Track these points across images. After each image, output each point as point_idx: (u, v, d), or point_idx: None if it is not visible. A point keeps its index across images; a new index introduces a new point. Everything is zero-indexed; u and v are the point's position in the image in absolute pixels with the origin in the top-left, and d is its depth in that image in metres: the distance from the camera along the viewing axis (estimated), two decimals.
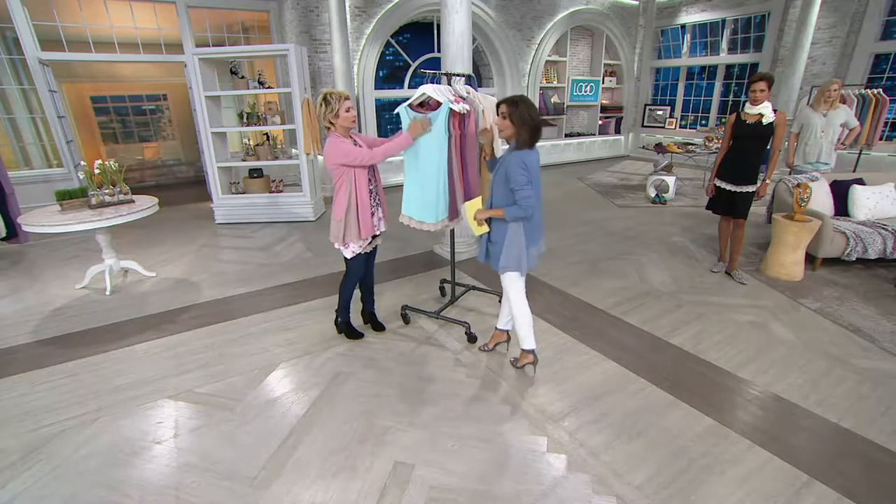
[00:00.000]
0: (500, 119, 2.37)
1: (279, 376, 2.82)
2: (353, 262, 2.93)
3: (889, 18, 7.24)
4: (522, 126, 2.31)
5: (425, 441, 2.26)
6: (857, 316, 3.44)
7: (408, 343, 3.15)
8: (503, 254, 2.50)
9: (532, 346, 2.71)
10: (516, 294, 2.65)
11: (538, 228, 2.58)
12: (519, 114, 2.30)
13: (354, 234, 2.76)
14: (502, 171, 2.40)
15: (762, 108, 3.69)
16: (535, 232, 2.54)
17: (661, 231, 5.58)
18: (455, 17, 3.88)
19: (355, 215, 2.72)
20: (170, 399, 2.61)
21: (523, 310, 2.66)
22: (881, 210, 4.37)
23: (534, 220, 2.51)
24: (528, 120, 2.31)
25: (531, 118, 2.31)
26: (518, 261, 2.51)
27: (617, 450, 2.19)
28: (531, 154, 2.37)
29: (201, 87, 5.61)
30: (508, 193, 2.39)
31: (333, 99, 2.58)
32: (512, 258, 2.50)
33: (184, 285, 4.21)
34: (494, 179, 2.47)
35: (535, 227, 2.54)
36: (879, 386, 2.64)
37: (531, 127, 2.32)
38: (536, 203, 2.42)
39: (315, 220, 6.27)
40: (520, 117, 2.30)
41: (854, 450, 2.19)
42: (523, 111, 2.30)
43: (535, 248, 2.57)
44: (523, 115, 2.30)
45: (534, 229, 2.53)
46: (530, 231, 2.50)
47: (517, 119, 2.30)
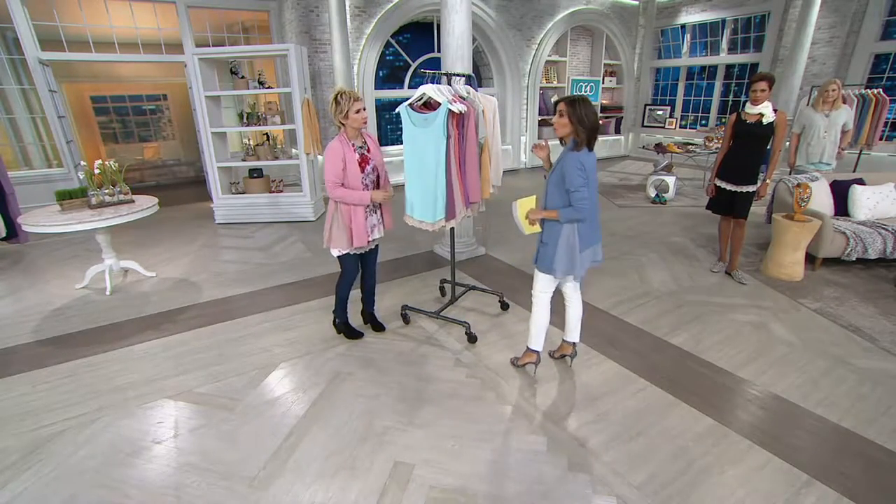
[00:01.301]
0: (557, 117, 2.34)
1: (279, 376, 2.82)
2: (345, 261, 2.91)
3: (889, 18, 7.24)
4: (580, 126, 2.27)
5: (425, 441, 2.26)
6: (858, 316, 3.44)
7: (408, 343, 3.15)
8: (556, 256, 2.43)
9: (538, 347, 2.71)
10: (542, 295, 2.62)
11: (595, 231, 2.50)
12: (577, 114, 2.26)
13: (343, 242, 2.74)
14: (558, 171, 2.35)
15: (762, 108, 3.68)
16: (591, 234, 2.46)
17: (661, 231, 5.58)
18: (455, 17, 3.88)
19: (341, 221, 2.71)
20: (169, 399, 2.61)
21: (542, 312, 2.65)
22: (881, 210, 4.37)
23: (589, 223, 2.43)
24: (585, 120, 2.27)
25: (588, 118, 2.27)
26: (570, 264, 2.44)
27: (617, 450, 2.19)
28: (589, 155, 2.33)
29: (201, 87, 5.61)
30: (563, 194, 2.35)
31: (344, 99, 2.55)
32: (564, 261, 2.43)
33: (184, 285, 4.21)
34: (550, 179, 2.42)
35: (592, 229, 2.46)
36: (879, 386, 2.64)
37: (589, 127, 2.28)
38: (592, 205, 2.36)
39: (315, 219, 6.27)
40: (578, 117, 2.26)
41: (854, 449, 2.19)
42: (581, 111, 2.26)
43: (590, 250, 2.49)
44: (580, 115, 2.26)
45: (589, 232, 2.45)
46: (585, 233, 2.43)
47: (575, 118, 2.26)
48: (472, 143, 2.74)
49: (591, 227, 2.44)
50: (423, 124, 2.63)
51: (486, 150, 2.94)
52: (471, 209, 2.89)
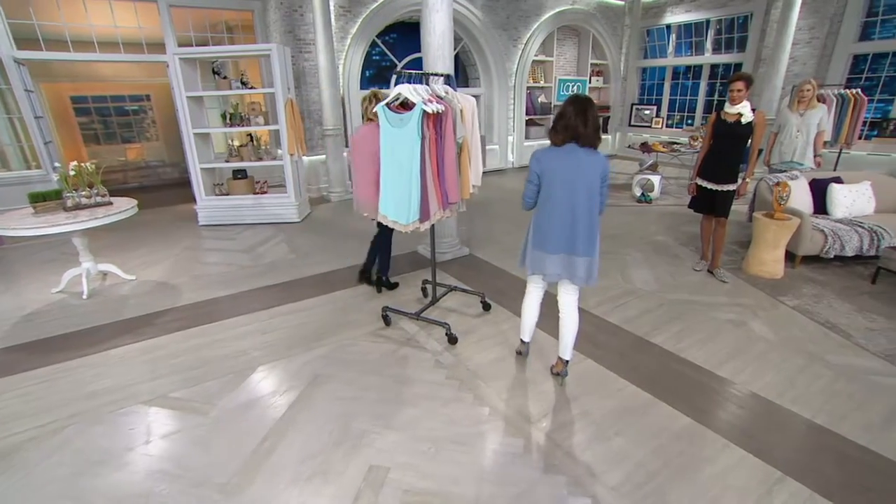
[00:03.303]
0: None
1: (257, 379, 2.79)
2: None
3: (867, 20, 7.35)
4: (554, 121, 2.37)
5: (401, 444, 2.24)
6: (834, 313, 3.48)
7: (388, 344, 3.13)
8: (522, 248, 2.64)
9: (522, 337, 2.90)
10: (528, 289, 2.76)
11: (549, 236, 2.40)
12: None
13: (355, 203, 3.35)
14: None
15: (741, 108, 3.72)
16: (542, 239, 2.43)
17: (645, 230, 5.61)
18: (436, 17, 3.86)
19: (354, 188, 3.36)
20: (143, 405, 2.56)
21: (526, 305, 2.78)
22: (858, 208, 4.43)
23: (542, 227, 2.42)
24: (558, 118, 2.32)
25: (561, 115, 2.31)
26: (523, 257, 2.60)
27: (594, 450, 2.18)
28: (552, 151, 2.36)
29: (183, 87, 5.54)
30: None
31: (381, 98, 2.87)
32: (522, 253, 2.63)
33: (164, 288, 4.15)
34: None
35: (545, 232, 2.41)
36: (853, 382, 2.67)
37: (561, 126, 2.31)
38: (553, 211, 2.36)
39: (300, 221, 6.22)
40: (557, 114, 2.35)
41: (827, 446, 2.20)
42: (561, 109, 2.33)
43: (556, 257, 2.41)
44: (559, 112, 2.34)
45: (541, 235, 2.44)
46: (540, 233, 2.44)
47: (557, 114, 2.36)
48: (450, 144, 2.73)
49: (552, 231, 2.39)
50: (399, 124, 2.61)
51: (464, 151, 2.93)
52: (449, 210, 2.88)
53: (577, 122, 2.25)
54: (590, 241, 2.38)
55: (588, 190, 2.31)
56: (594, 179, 2.31)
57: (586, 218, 2.34)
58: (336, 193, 7.28)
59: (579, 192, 2.31)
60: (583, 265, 2.40)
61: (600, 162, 2.32)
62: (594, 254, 2.41)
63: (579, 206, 2.32)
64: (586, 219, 2.34)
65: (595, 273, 2.45)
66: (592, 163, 2.30)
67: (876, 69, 7.36)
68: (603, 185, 2.36)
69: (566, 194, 2.32)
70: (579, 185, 2.30)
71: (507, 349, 3.04)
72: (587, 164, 2.29)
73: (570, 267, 2.42)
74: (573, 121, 2.26)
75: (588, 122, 2.25)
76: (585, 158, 2.30)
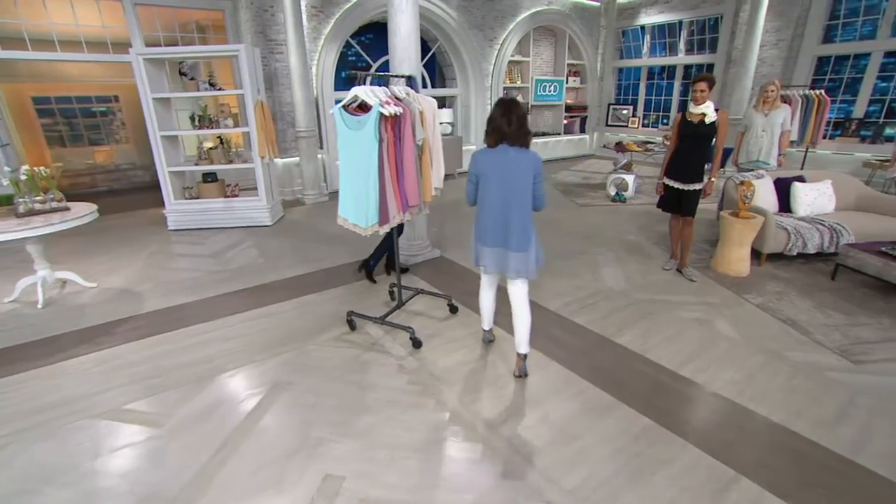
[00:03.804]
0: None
1: (216, 388, 2.72)
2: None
3: (829, 23, 7.54)
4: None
5: (358, 452, 2.20)
6: (795, 309, 3.54)
7: (352, 350, 3.08)
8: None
9: (482, 325, 3.05)
10: (481, 284, 2.90)
11: (486, 231, 2.54)
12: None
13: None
14: None
15: (704, 108, 3.77)
16: (481, 233, 2.58)
17: (618, 229, 5.66)
18: (401, 18, 3.83)
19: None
20: (94, 418, 2.48)
21: (481, 295, 2.93)
22: (819, 206, 4.53)
23: (480, 222, 2.57)
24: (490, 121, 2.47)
25: (491, 118, 2.46)
26: (471, 250, 2.74)
27: (553, 454, 2.17)
28: (488, 153, 2.48)
29: (148, 88, 5.41)
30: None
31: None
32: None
33: (126, 295, 4.03)
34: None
35: (483, 227, 2.56)
36: (810, 378, 2.72)
37: (492, 127, 2.45)
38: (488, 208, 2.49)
39: (272, 224, 6.12)
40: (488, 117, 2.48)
41: (782, 443, 2.23)
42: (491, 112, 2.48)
43: (494, 250, 2.57)
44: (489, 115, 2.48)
45: (480, 230, 2.58)
46: (480, 227, 2.59)
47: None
48: (409, 146, 2.70)
49: (488, 226, 2.52)
50: (357, 126, 2.58)
51: (425, 153, 2.90)
52: (409, 213, 2.85)
53: (501, 123, 2.38)
54: (523, 236, 2.48)
55: (520, 188, 2.43)
56: (526, 177, 2.42)
57: (519, 215, 2.46)
58: (310, 196, 7.19)
59: (511, 190, 2.43)
60: (515, 259, 2.52)
61: (532, 160, 2.43)
62: (528, 248, 2.50)
63: (512, 204, 2.44)
64: (519, 215, 2.46)
65: (532, 266, 2.55)
66: (524, 161, 2.41)
67: (839, 70, 7.56)
68: (536, 182, 2.46)
69: (499, 192, 2.45)
70: (511, 184, 2.43)
71: (473, 352, 3.03)
72: (518, 163, 2.41)
73: (504, 260, 2.55)
74: (499, 122, 2.39)
75: (512, 122, 2.37)
76: (517, 157, 2.42)
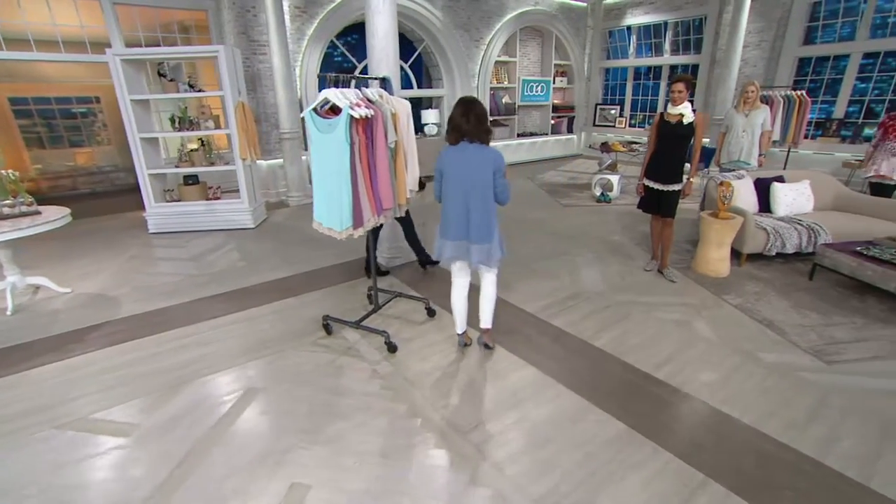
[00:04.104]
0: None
1: (187, 395, 2.67)
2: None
3: (810, 24, 7.61)
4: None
5: (327, 459, 2.17)
6: (773, 310, 3.56)
7: (327, 354, 3.05)
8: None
9: (457, 329, 3.04)
10: (452, 283, 2.95)
11: (449, 224, 2.68)
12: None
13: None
14: None
15: (682, 109, 3.78)
16: (444, 227, 2.71)
17: (601, 230, 5.67)
18: (378, 19, 3.79)
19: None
20: (59, 428, 2.42)
21: (453, 295, 2.95)
22: (798, 206, 4.56)
23: (444, 216, 2.70)
24: (448, 120, 2.60)
25: (450, 117, 2.58)
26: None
27: (522, 461, 2.16)
28: (451, 150, 2.61)
29: (125, 89, 5.33)
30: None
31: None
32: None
33: (101, 301, 3.97)
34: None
35: (446, 221, 2.69)
36: (783, 379, 2.73)
37: (451, 125, 2.58)
38: (452, 201, 2.61)
39: (255, 227, 6.06)
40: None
41: (751, 446, 2.23)
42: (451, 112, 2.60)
43: (454, 243, 2.69)
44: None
45: (444, 224, 2.71)
46: (441, 224, 2.73)
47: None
48: (382, 148, 2.67)
49: (450, 220, 2.66)
50: (327, 130, 2.55)
51: (399, 155, 2.88)
52: (384, 216, 2.82)
53: (461, 121, 2.51)
54: (484, 229, 2.61)
55: (481, 184, 2.54)
56: (486, 173, 2.52)
57: (479, 209, 2.58)
58: (294, 198, 7.13)
59: (472, 185, 2.55)
60: (476, 251, 2.65)
61: (491, 156, 2.53)
62: (490, 240, 2.64)
63: (472, 198, 2.56)
64: (479, 209, 2.58)
65: (494, 256, 2.69)
66: (483, 158, 2.53)
67: (819, 71, 7.64)
68: (497, 178, 2.55)
69: (460, 187, 2.57)
70: (472, 179, 2.54)
71: (448, 356, 3.01)
72: (478, 160, 2.53)
73: (466, 252, 2.69)
74: (458, 120, 2.52)
75: (469, 119, 2.49)
76: (477, 154, 2.54)
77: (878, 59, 7.07)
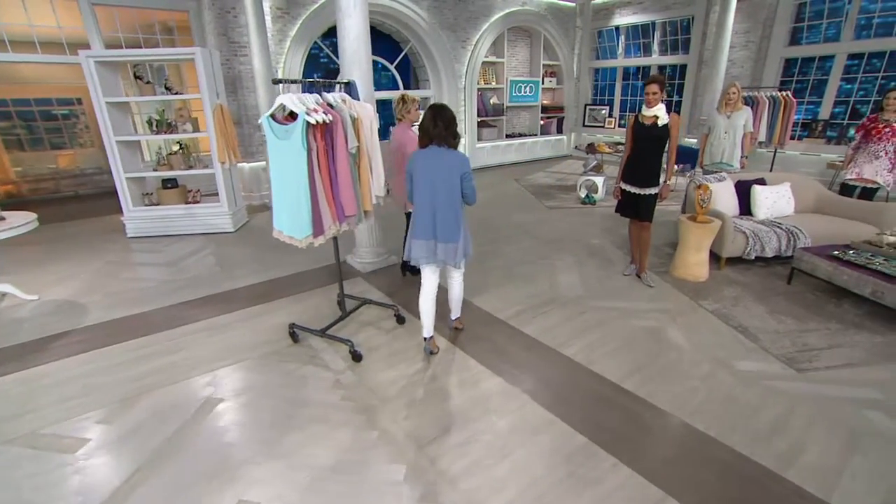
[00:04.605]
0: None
1: (144, 408, 2.61)
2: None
3: (796, 25, 7.58)
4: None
5: (279, 474, 2.11)
6: (748, 315, 3.51)
7: (291, 364, 2.99)
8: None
9: (424, 333, 3.05)
10: (422, 284, 2.99)
11: (417, 224, 2.76)
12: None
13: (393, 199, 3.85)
14: None
15: (657, 111, 3.73)
16: (414, 226, 2.78)
17: (584, 233, 5.61)
18: (349, 22, 3.74)
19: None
20: (7, 444, 2.35)
21: (419, 303, 3.00)
22: (778, 209, 4.52)
23: (414, 216, 2.78)
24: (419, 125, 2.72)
25: (419, 125, 2.72)
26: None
27: (478, 475, 2.10)
28: (421, 153, 2.71)
29: (100, 92, 5.26)
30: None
31: (409, 101, 3.60)
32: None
33: (68, 308, 3.89)
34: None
35: (415, 221, 2.77)
36: (751, 388, 2.68)
37: (421, 129, 2.69)
38: (421, 200, 2.70)
39: (235, 231, 5.98)
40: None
41: (714, 459, 2.18)
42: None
43: (423, 242, 2.77)
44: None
45: (413, 223, 2.78)
46: (412, 224, 2.80)
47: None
48: (342, 154, 2.61)
49: (418, 220, 2.75)
50: (285, 136, 2.49)
51: (363, 161, 2.82)
52: (347, 223, 2.76)
53: (429, 126, 2.62)
54: (450, 228, 2.72)
55: (447, 185, 2.65)
56: (453, 176, 2.64)
57: (445, 209, 2.68)
58: None
59: (439, 187, 2.65)
60: (442, 249, 2.76)
61: (457, 160, 2.65)
62: (456, 240, 2.74)
63: (439, 199, 2.67)
64: (445, 210, 2.68)
65: (459, 254, 2.78)
66: (450, 161, 2.64)
67: (806, 72, 7.61)
68: (464, 180, 2.67)
69: (428, 189, 2.67)
70: (439, 181, 2.64)
71: (413, 365, 2.95)
72: (445, 163, 2.63)
73: (433, 251, 2.78)
74: (427, 124, 2.63)
75: (437, 123, 2.60)
76: (444, 157, 2.64)
77: (863, 60, 7.04)
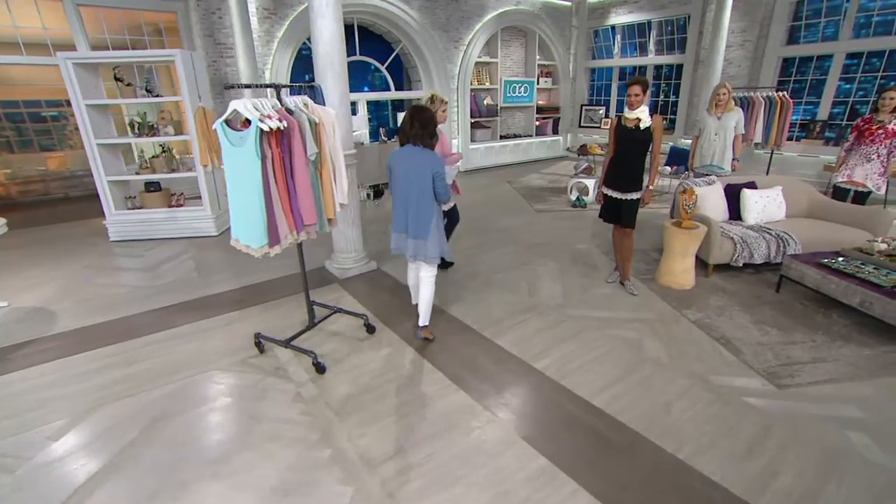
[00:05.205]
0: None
1: (92, 423, 2.52)
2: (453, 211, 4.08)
3: (793, 24, 7.41)
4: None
5: (222, 495, 2.02)
6: (732, 326, 3.39)
7: (253, 375, 2.89)
8: None
9: (421, 322, 3.18)
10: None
11: (394, 220, 2.98)
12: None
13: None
14: None
15: (639, 113, 3.62)
16: (393, 221, 3.00)
17: (570, 237, 5.48)
18: (322, 22, 3.64)
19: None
20: None
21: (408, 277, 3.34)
22: (768, 214, 4.38)
23: (393, 211, 2.97)
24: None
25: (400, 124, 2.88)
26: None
27: (431, 499, 2.00)
28: (397, 151, 2.87)
29: (79, 94, 5.19)
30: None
31: (436, 100, 3.60)
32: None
33: (37, 315, 3.82)
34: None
35: (394, 217, 2.98)
36: (727, 405, 2.55)
37: (398, 129, 2.88)
38: (398, 196, 2.89)
39: (218, 234, 5.90)
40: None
41: (680, 485, 2.06)
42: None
43: (398, 235, 3.00)
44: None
45: (393, 218, 2.99)
46: (394, 217, 2.98)
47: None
48: (301, 161, 2.51)
49: (395, 214, 2.96)
50: (239, 143, 2.39)
51: (324, 167, 2.71)
52: (305, 232, 2.66)
53: (406, 126, 2.78)
54: (421, 225, 2.86)
55: (419, 184, 2.78)
56: (425, 175, 2.76)
57: (416, 206, 2.83)
58: None
59: (412, 184, 2.80)
60: (413, 245, 2.92)
61: (429, 160, 2.76)
62: (425, 237, 2.87)
63: (411, 197, 2.82)
64: (416, 207, 2.83)
65: (430, 251, 2.90)
66: (423, 160, 2.76)
67: (804, 72, 7.44)
68: (436, 180, 2.77)
69: (403, 186, 2.84)
70: (412, 179, 2.79)
71: (379, 377, 2.85)
72: (418, 162, 2.77)
73: (404, 244, 2.97)
74: (404, 124, 2.78)
75: (413, 124, 2.74)
76: (418, 157, 2.78)
77: (862, 60, 6.87)
